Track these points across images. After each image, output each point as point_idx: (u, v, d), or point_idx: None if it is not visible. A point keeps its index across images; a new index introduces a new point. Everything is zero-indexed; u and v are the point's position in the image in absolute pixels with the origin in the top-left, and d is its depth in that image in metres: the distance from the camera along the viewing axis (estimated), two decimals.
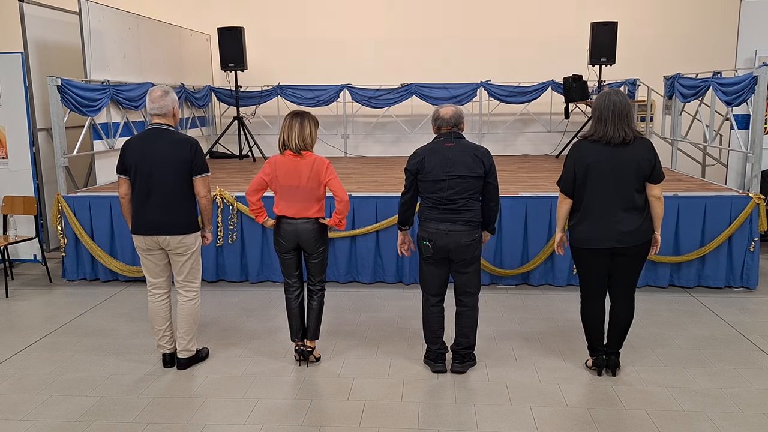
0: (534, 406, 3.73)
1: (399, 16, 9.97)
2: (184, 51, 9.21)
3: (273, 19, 10.07)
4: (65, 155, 6.33)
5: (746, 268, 5.76)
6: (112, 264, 6.15)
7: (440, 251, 3.95)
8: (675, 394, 3.86)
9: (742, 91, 6.07)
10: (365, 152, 10.03)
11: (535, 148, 9.88)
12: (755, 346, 4.58)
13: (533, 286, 5.97)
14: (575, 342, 4.62)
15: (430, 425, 3.54)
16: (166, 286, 4.26)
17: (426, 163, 3.90)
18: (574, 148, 3.87)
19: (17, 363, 4.45)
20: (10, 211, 6.42)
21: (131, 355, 4.55)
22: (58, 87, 6.12)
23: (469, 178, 3.86)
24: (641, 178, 3.76)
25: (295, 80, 9.59)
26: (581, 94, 8.58)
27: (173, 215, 4.03)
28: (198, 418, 3.65)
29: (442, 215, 3.90)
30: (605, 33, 8.53)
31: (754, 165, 5.95)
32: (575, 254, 4.00)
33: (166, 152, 3.99)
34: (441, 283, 4.09)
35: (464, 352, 4.16)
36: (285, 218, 4.11)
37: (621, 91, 3.83)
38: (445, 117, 3.96)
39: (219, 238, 6.05)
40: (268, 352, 4.55)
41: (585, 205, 3.84)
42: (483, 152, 3.91)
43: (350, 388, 3.98)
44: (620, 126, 3.72)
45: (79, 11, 6.65)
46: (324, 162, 4.06)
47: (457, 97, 9.22)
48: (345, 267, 6.05)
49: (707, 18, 9.56)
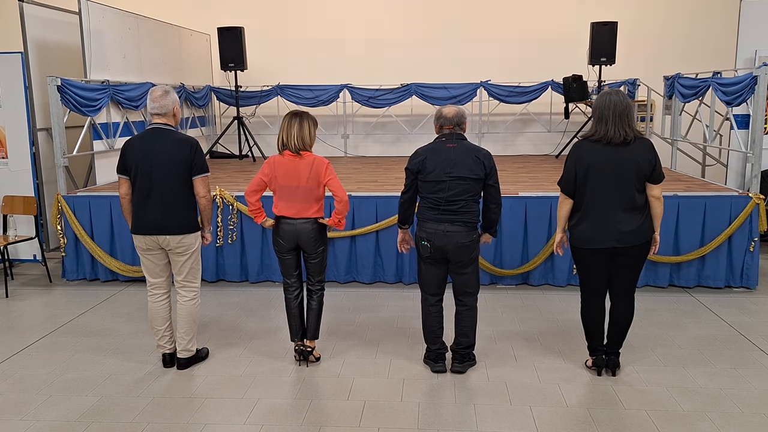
0: (534, 406, 3.73)
1: (399, 16, 9.96)
2: (184, 51, 9.21)
3: (273, 19, 10.06)
4: (65, 155, 6.33)
5: (746, 268, 5.76)
6: (112, 264, 6.15)
7: (438, 251, 3.95)
8: (675, 394, 3.86)
9: (742, 91, 6.07)
10: (365, 152, 10.03)
11: (535, 148, 9.88)
12: (755, 346, 4.58)
13: (533, 286, 5.97)
14: (575, 342, 4.62)
15: (430, 425, 3.54)
16: (166, 286, 4.27)
17: (427, 163, 3.89)
18: (575, 147, 3.87)
19: (17, 363, 4.45)
20: (10, 211, 6.42)
21: (131, 355, 4.55)
22: (58, 87, 6.12)
23: (469, 179, 3.86)
24: (641, 178, 3.76)
25: (295, 80, 9.59)
26: (581, 94, 8.58)
27: (173, 215, 4.04)
28: (198, 418, 3.65)
29: (441, 216, 3.90)
30: (605, 33, 8.53)
31: (754, 165, 5.95)
32: (575, 254, 4.00)
33: (166, 152, 3.99)
34: (439, 282, 4.09)
35: (464, 352, 4.16)
36: (284, 218, 4.11)
37: (621, 91, 3.83)
38: (447, 116, 3.97)
39: (219, 238, 6.05)
40: (268, 352, 4.55)
41: (585, 205, 3.84)
42: (484, 154, 3.92)
43: (350, 388, 3.98)
44: (621, 126, 3.72)
45: (79, 11, 6.65)
46: (323, 162, 4.06)
47: (457, 97, 9.21)
48: (345, 267, 6.06)
49: (707, 18, 9.56)
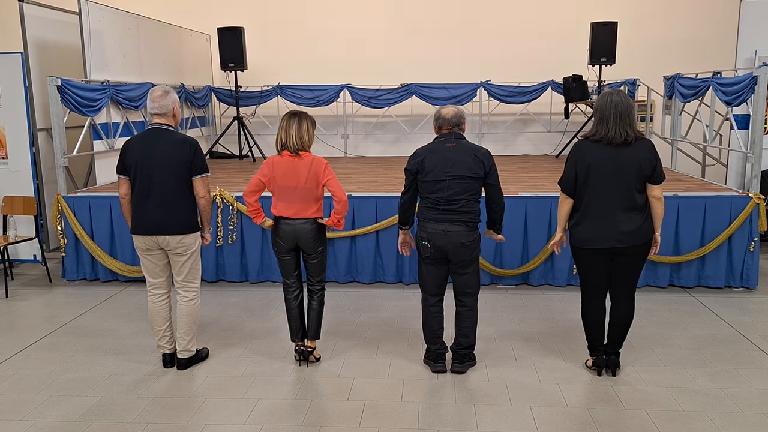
0: (534, 406, 3.73)
1: (399, 16, 9.97)
2: (184, 51, 9.21)
3: (273, 19, 10.07)
4: (65, 155, 6.33)
5: (746, 268, 5.76)
6: (112, 264, 6.15)
7: (438, 251, 3.95)
8: (675, 394, 3.86)
9: (742, 91, 6.07)
10: (365, 152, 10.03)
11: (535, 148, 9.88)
12: (755, 346, 4.58)
13: (533, 286, 5.97)
14: (575, 342, 4.62)
15: (430, 425, 3.54)
16: (165, 286, 4.26)
17: (426, 163, 3.90)
18: (576, 147, 3.87)
19: (17, 363, 4.45)
20: (10, 211, 6.42)
21: (131, 355, 4.55)
22: (58, 87, 6.12)
23: (469, 178, 3.87)
24: (642, 178, 3.76)
25: (295, 80, 9.59)
26: (581, 94, 8.58)
27: (173, 215, 4.03)
28: (198, 418, 3.65)
29: (442, 216, 3.90)
30: (605, 33, 8.53)
31: (754, 165, 5.95)
32: (575, 254, 4.00)
33: (165, 152, 3.99)
34: (440, 283, 4.09)
35: (464, 352, 4.16)
36: (283, 219, 4.11)
37: (623, 91, 3.83)
38: (446, 117, 3.97)
39: (219, 238, 6.05)
40: (268, 352, 4.55)
41: (586, 205, 3.84)
42: (484, 153, 3.92)
43: (350, 388, 3.98)
44: (622, 126, 3.72)
45: (79, 11, 6.65)
46: (322, 162, 4.06)
47: (457, 97, 9.21)
48: (345, 267, 6.05)
49: (707, 18, 9.56)
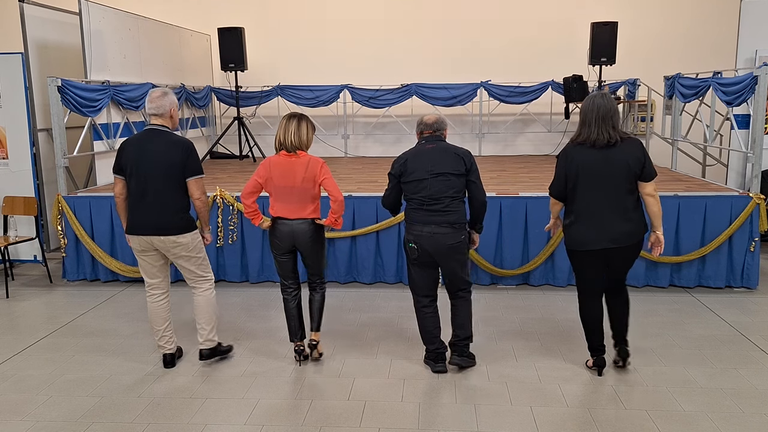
0: (534, 406, 3.73)
1: (399, 16, 9.96)
2: (184, 51, 9.21)
3: (273, 19, 10.07)
4: (65, 155, 6.33)
5: (746, 268, 5.76)
6: (113, 264, 6.15)
7: (426, 254, 3.97)
8: (675, 394, 3.86)
9: (742, 91, 6.07)
10: (365, 152, 10.03)
11: (535, 149, 9.89)
12: (755, 345, 4.58)
13: (533, 286, 5.97)
14: (575, 342, 4.62)
15: (430, 425, 3.54)
16: (164, 286, 4.26)
17: (408, 164, 3.99)
18: (563, 152, 3.94)
19: (18, 363, 4.45)
20: (10, 211, 6.43)
21: (131, 355, 4.56)
22: (58, 87, 6.13)
23: (450, 175, 3.92)
24: (632, 178, 3.79)
25: (295, 80, 9.60)
26: (581, 94, 8.56)
27: (167, 216, 4.02)
28: (198, 418, 3.66)
29: (428, 217, 3.93)
30: (605, 33, 8.53)
31: (754, 165, 5.95)
32: (571, 256, 4.04)
33: (160, 153, 3.98)
34: (430, 284, 4.11)
35: (462, 344, 4.16)
36: (280, 219, 4.11)
37: (607, 94, 3.88)
38: (427, 122, 4.12)
39: (219, 238, 6.05)
40: (268, 352, 4.56)
41: (578, 208, 3.88)
42: (464, 152, 4.01)
43: (350, 388, 3.98)
44: (604, 128, 3.76)
45: (80, 12, 6.66)
46: (318, 162, 4.06)
47: (457, 97, 9.22)
48: (345, 267, 6.05)
49: (707, 18, 9.56)
